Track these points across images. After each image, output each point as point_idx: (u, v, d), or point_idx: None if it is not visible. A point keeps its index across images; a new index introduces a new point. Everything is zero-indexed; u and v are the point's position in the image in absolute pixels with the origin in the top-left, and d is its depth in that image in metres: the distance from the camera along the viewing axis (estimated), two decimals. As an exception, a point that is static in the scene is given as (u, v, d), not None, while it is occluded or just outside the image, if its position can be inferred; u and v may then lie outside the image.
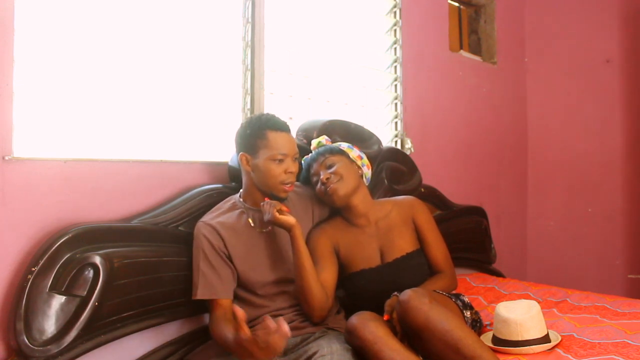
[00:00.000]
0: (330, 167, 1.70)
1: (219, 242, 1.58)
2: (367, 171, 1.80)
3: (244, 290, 1.62)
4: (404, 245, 1.72)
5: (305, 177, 1.78)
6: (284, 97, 2.17)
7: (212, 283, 1.56)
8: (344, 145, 1.79)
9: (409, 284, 1.53)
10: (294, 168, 1.61)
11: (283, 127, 1.61)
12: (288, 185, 1.60)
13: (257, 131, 1.58)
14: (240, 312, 1.24)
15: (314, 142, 1.82)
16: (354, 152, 1.78)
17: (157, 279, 1.57)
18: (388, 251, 1.72)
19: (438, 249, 1.77)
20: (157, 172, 1.71)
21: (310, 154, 1.80)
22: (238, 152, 1.63)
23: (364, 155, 1.81)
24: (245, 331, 1.23)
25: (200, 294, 1.55)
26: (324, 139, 1.82)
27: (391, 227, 1.75)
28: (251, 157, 1.59)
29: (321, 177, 1.68)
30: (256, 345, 1.22)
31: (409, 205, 1.80)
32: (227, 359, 1.51)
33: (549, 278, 3.08)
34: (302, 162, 1.81)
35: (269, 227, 1.64)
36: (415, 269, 1.71)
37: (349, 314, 1.60)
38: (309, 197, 1.78)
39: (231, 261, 1.60)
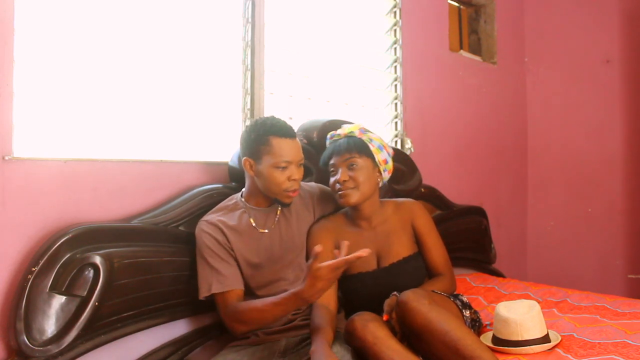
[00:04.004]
0: (351, 167, 1.65)
1: (223, 238, 1.58)
2: (387, 176, 1.75)
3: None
4: (401, 250, 1.71)
5: (324, 163, 1.72)
6: (284, 97, 2.17)
7: (225, 276, 1.54)
8: (374, 144, 1.70)
9: (406, 288, 1.52)
10: (298, 175, 1.58)
11: (288, 133, 1.57)
12: (292, 192, 1.59)
13: (261, 137, 1.55)
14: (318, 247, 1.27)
15: (346, 129, 1.72)
16: (382, 155, 1.70)
17: (157, 279, 1.57)
18: (385, 256, 1.71)
19: (437, 253, 1.77)
20: (157, 172, 1.71)
21: (340, 135, 1.72)
22: (242, 156, 1.60)
23: (389, 159, 1.73)
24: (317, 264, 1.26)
25: (216, 288, 1.53)
26: (358, 129, 1.71)
27: (390, 232, 1.74)
28: (255, 162, 1.57)
29: (339, 177, 1.64)
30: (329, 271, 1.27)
31: (408, 210, 1.78)
32: (227, 359, 1.51)
33: (549, 278, 3.08)
34: (327, 139, 1.75)
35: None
36: (411, 272, 1.70)
37: (347, 314, 1.61)
38: (309, 196, 1.78)
39: (235, 258, 1.59)
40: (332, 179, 1.68)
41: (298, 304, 1.36)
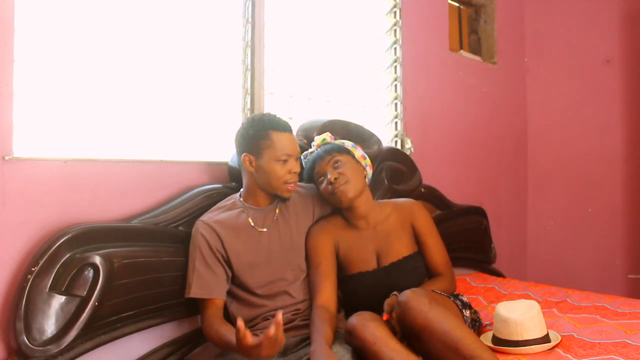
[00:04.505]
0: (337, 166, 1.68)
1: (216, 242, 1.58)
2: (370, 171, 1.78)
3: (242, 290, 1.62)
4: (401, 249, 1.72)
5: (309, 175, 1.75)
6: (284, 97, 2.17)
7: (206, 282, 1.56)
8: (348, 144, 1.76)
9: (406, 287, 1.52)
10: (297, 168, 1.61)
11: (286, 128, 1.61)
12: (292, 185, 1.61)
13: (261, 132, 1.57)
14: (240, 323, 1.23)
15: (318, 139, 1.79)
16: (358, 152, 1.76)
17: (157, 279, 1.57)
18: (385, 255, 1.71)
19: (438, 253, 1.77)
20: (157, 172, 1.71)
21: (313, 151, 1.78)
22: (240, 152, 1.62)
23: (366, 155, 1.79)
24: (248, 339, 1.22)
25: (194, 292, 1.55)
26: (327, 136, 1.79)
27: (389, 231, 1.74)
28: (255, 158, 1.58)
29: (329, 176, 1.65)
30: (259, 347, 1.23)
31: (408, 209, 1.79)
32: (227, 359, 1.51)
33: (549, 278, 3.08)
34: (302, 159, 1.80)
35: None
36: (411, 272, 1.70)
37: (347, 313, 1.60)
38: (310, 196, 1.78)
39: (228, 261, 1.60)
40: (322, 185, 1.69)
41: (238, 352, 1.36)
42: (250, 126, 1.60)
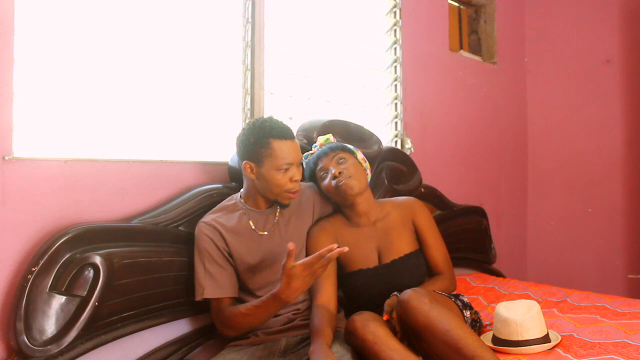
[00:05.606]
0: (340, 162, 1.69)
1: (221, 242, 1.58)
2: (369, 174, 1.79)
3: (242, 291, 1.62)
4: (402, 246, 1.72)
5: (312, 171, 1.75)
6: (284, 97, 2.17)
7: (219, 282, 1.55)
8: (349, 147, 1.79)
9: (407, 285, 1.53)
10: (299, 175, 1.59)
11: (288, 135, 1.57)
12: (293, 193, 1.60)
13: (261, 140, 1.54)
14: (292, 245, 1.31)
15: (322, 139, 1.80)
16: (359, 154, 1.78)
17: (157, 279, 1.57)
18: (386, 252, 1.71)
19: (438, 251, 1.77)
20: (157, 172, 1.71)
21: (313, 152, 1.79)
22: (241, 159, 1.60)
23: (366, 159, 1.81)
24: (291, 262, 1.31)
25: (208, 293, 1.54)
26: (331, 136, 1.82)
27: (390, 228, 1.74)
28: (255, 165, 1.56)
29: (333, 171, 1.66)
30: (306, 270, 1.32)
31: (409, 207, 1.79)
32: (227, 358, 1.51)
33: (549, 278, 3.08)
34: (303, 160, 1.80)
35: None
36: (412, 270, 1.70)
37: (347, 313, 1.61)
38: (310, 195, 1.77)
39: (232, 261, 1.60)
40: (325, 181, 1.70)
41: (278, 305, 1.41)
42: (251, 133, 1.56)
